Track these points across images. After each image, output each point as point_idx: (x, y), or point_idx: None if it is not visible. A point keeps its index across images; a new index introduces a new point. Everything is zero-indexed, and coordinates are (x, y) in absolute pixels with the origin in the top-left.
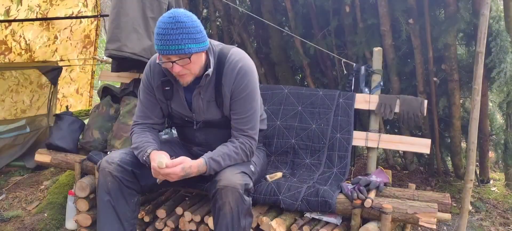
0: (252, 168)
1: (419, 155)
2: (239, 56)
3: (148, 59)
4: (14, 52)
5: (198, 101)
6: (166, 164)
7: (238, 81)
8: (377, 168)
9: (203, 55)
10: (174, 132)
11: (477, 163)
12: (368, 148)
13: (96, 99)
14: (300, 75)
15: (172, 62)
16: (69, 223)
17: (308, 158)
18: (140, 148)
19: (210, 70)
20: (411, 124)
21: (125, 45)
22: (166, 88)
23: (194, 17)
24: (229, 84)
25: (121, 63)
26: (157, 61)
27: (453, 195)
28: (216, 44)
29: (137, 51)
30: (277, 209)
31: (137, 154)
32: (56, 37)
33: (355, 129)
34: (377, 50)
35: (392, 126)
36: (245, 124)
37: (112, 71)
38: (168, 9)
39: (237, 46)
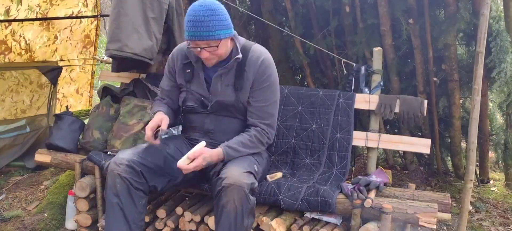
0: (256, 168)
1: (419, 155)
2: (262, 50)
3: (149, 59)
4: (14, 52)
5: (217, 83)
6: (187, 157)
7: (262, 70)
8: (377, 168)
9: (229, 41)
10: (175, 131)
11: (477, 163)
12: (368, 148)
13: (96, 99)
14: (300, 75)
15: (200, 48)
16: (69, 223)
17: (308, 158)
18: (154, 111)
19: (240, 55)
20: (411, 124)
21: (126, 46)
22: (187, 71)
23: (222, 5)
24: (253, 71)
25: (121, 63)
26: (188, 47)
27: (453, 195)
28: (240, 37)
29: (138, 52)
30: (277, 209)
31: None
32: (56, 37)
33: (355, 129)
34: (377, 50)
35: (392, 126)
36: (265, 112)
37: (112, 71)
38: (168, 9)
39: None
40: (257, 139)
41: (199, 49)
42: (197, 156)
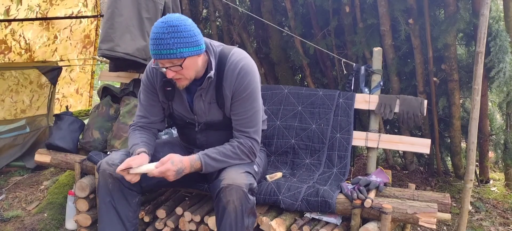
0: (256, 168)
1: (419, 155)
2: (240, 56)
3: (143, 59)
4: (14, 52)
5: (199, 103)
6: (147, 170)
7: (239, 82)
8: (377, 168)
9: (199, 59)
10: (174, 132)
11: (477, 163)
12: (368, 148)
13: (96, 99)
14: (300, 75)
15: (165, 68)
16: (69, 223)
17: (308, 158)
18: (131, 152)
19: (212, 73)
20: (411, 123)
21: (118, 46)
22: (168, 88)
23: (189, 21)
24: (230, 85)
25: (117, 63)
26: (153, 65)
27: (453, 195)
28: (217, 45)
29: (131, 52)
30: (277, 209)
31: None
32: (56, 37)
33: (355, 129)
34: (377, 50)
35: (392, 126)
36: (246, 125)
37: (110, 71)
38: (164, 9)
39: (237, 47)
40: (241, 151)
41: (164, 69)
42: (165, 162)
